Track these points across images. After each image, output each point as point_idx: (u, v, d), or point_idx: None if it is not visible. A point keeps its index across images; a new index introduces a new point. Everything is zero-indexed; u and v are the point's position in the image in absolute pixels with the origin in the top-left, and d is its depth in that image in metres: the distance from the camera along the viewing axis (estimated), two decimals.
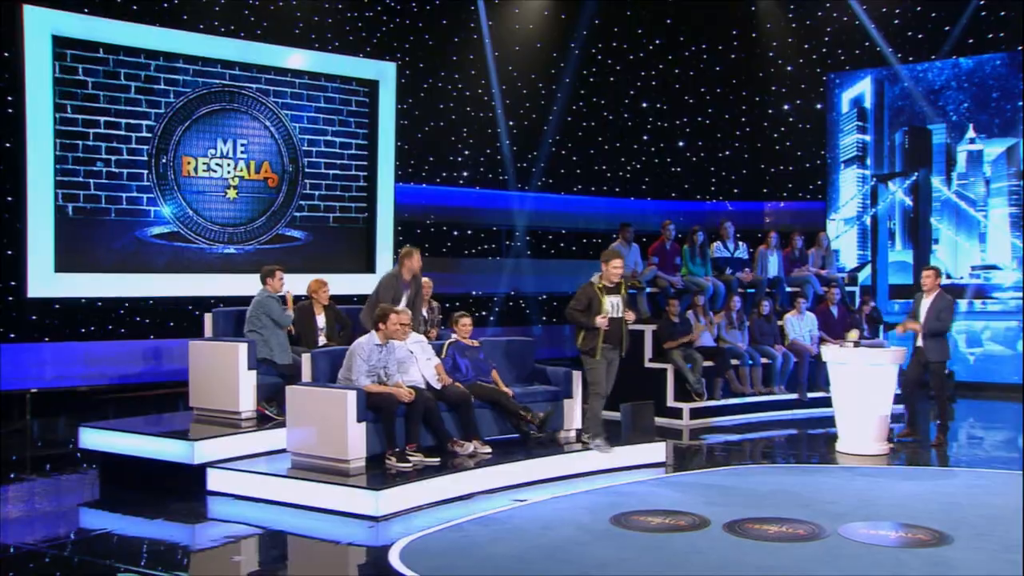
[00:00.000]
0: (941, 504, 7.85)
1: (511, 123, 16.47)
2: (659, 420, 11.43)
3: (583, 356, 9.22)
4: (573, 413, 9.75)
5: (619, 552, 6.56)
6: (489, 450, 8.75)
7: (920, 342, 10.53)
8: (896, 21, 16.59)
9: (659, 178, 17.77)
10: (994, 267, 16.03)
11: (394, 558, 6.42)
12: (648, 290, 13.16)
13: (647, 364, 12.34)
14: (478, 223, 16.53)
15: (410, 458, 8.25)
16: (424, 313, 10.38)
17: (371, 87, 15.28)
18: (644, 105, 17.56)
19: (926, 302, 10.47)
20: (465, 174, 16.32)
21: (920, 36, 16.48)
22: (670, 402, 12.04)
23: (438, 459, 8.43)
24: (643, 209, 17.26)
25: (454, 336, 9.45)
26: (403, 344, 8.87)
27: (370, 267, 15.12)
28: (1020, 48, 15.68)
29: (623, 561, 6.36)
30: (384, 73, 15.33)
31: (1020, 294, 15.56)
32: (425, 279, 10.39)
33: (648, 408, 10.02)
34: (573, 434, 9.68)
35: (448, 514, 7.54)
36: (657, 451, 9.56)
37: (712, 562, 6.33)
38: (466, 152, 16.28)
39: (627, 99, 17.54)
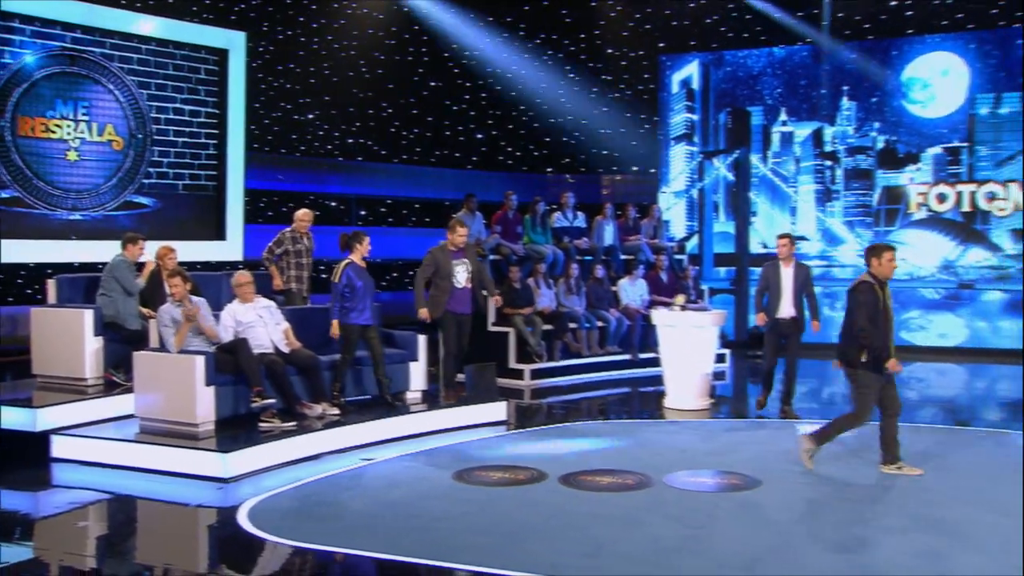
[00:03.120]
0: (753, 452, 8.20)
1: (360, 94, 16.18)
2: (501, 381, 11.55)
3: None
4: (420, 375, 9.75)
5: (461, 506, 6.61)
6: (337, 411, 8.67)
7: (783, 312, 9.68)
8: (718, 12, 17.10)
9: (503, 151, 17.83)
10: (803, 238, 16.80)
11: (242, 518, 6.30)
12: (491, 257, 13.22)
13: (490, 328, 12.42)
14: (327, 193, 16.23)
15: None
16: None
17: (220, 56, 14.74)
18: (489, 81, 17.54)
19: (786, 272, 9.69)
20: (316, 144, 15.98)
21: (745, 20, 17.03)
22: (512, 364, 12.16)
23: (294, 423, 8.30)
24: (487, 180, 17.28)
25: (351, 256, 9.18)
26: (252, 306, 8.69)
27: (220, 235, 14.68)
28: (811, 42, 16.42)
29: (465, 514, 6.41)
30: (234, 42, 14.81)
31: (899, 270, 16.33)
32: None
33: (491, 369, 10.12)
34: (419, 395, 9.69)
35: (297, 474, 7.44)
36: (499, 410, 9.66)
37: (547, 512, 6.44)
38: (317, 122, 15.93)
39: (473, 74, 17.48)
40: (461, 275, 9.54)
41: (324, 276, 11.64)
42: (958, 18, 15.97)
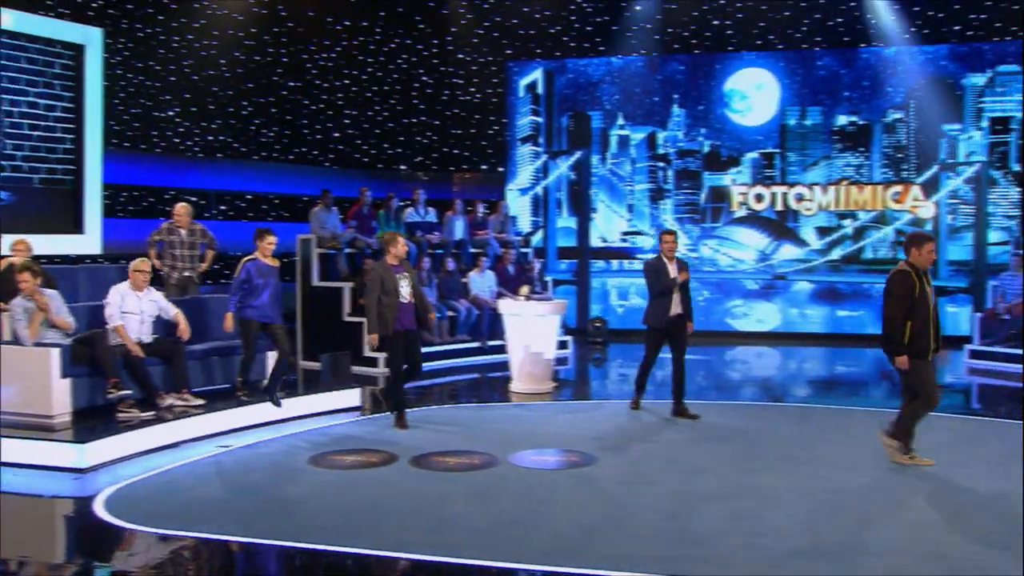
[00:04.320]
0: (591, 431, 8.39)
1: (221, 92, 15.68)
2: (357, 369, 11.48)
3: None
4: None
5: (316, 489, 6.54)
6: (200, 402, 8.42)
7: (671, 311, 8.90)
8: (563, 21, 17.37)
9: (359, 149, 17.61)
10: (638, 232, 17.31)
11: (99, 507, 6.05)
12: (347, 251, 13.09)
13: (346, 318, 12.30)
14: (186, 188, 15.66)
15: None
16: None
17: (77, 51, 14.01)
18: (346, 82, 17.28)
19: (672, 269, 8.93)
20: (176, 140, 15.40)
21: (586, 31, 17.36)
22: (367, 352, 12.08)
23: (152, 412, 8.02)
24: (343, 177, 17.03)
25: (255, 253, 8.74)
26: (140, 296, 8.49)
27: (77, 228, 13.98)
28: (656, 54, 16.92)
29: (319, 497, 6.35)
30: (90, 38, 14.10)
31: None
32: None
33: (345, 358, 10.02)
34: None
35: (155, 462, 7.20)
36: (353, 396, 9.58)
37: (398, 492, 6.44)
38: (177, 119, 15.34)
39: (330, 75, 17.18)
40: (405, 289, 8.45)
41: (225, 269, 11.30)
42: (770, 38, 16.75)
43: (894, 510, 5.97)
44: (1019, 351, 12.13)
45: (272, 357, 9.15)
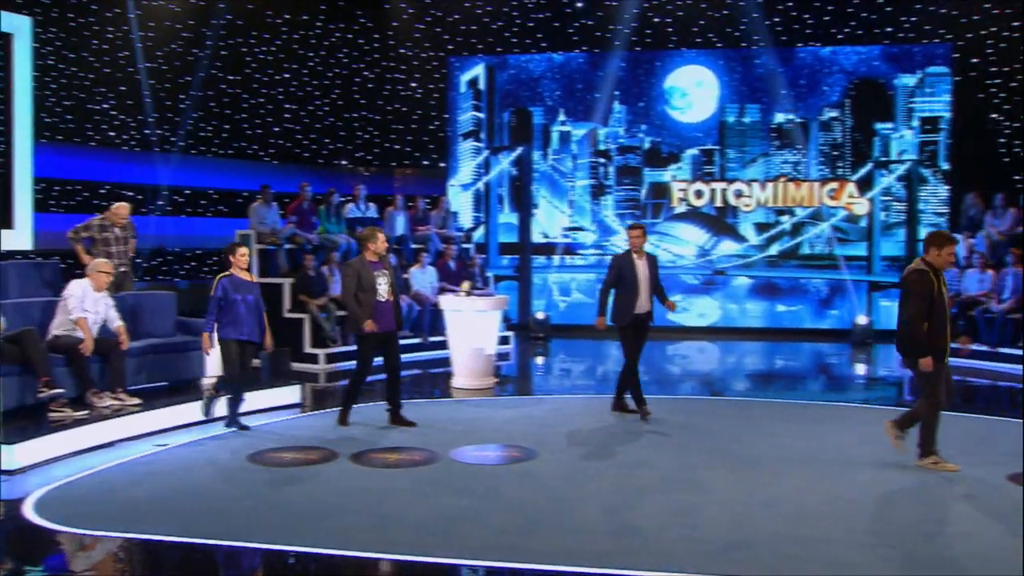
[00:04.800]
0: (532, 426, 8.42)
1: (158, 85, 15.36)
2: (297, 365, 11.36)
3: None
4: (215, 362, 9.41)
5: (255, 487, 6.46)
6: (136, 401, 8.25)
7: (641, 307, 8.63)
8: (504, 17, 17.37)
9: (299, 144, 17.43)
10: (580, 228, 17.40)
11: (28, 509, 5.90)
12: (286, 246, 12.95)
13: (286, 315, 12.16)
14: (122, 183, 15.32)
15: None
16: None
17: (4, 40, 13.61)
18: (286, 76, 17.08)
19: (640, 264, 8.70)
20: (111, 133, 15.05)
21: (528, 27, 17.37)
22: (307, 348, 11.97)
23: (86, 411, 7.84)
24: (283, 172, 16.84)
25: (230, 269, 8.13)
26: (98, 297, 8.39)
27: (7, 223, 13.58)
28: (598, 50, 17.01)
29: (257, 495, 6.27)
30: (18, 27, 13.70)
31: (596, 251, 16.96)
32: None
33: (285, 355, 9.91)
34: (214, 381, 9.35)
35: (89, 463, 7.05)
36: (294, 393, 9.49)
37: (338, 490, 6.39)
38: (113, 112, 15.00)
39: (270, 69, 16.96)
40: (383, 287, 8.16)
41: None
42: (710, 36, 16.95)
43: (829, 501, 6.08)
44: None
45: None
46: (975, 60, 16.02)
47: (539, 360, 13.77)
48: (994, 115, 15.86)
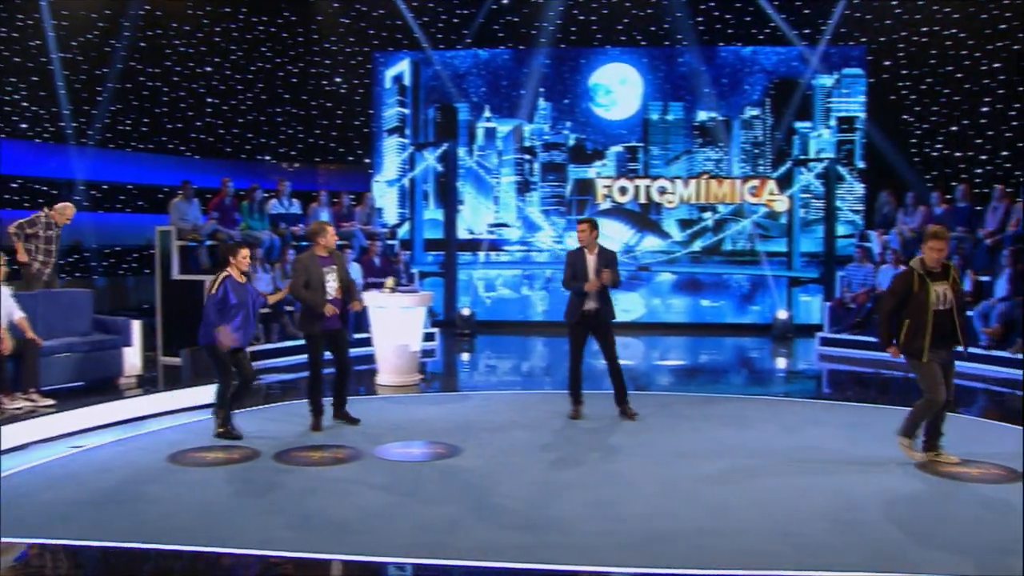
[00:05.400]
0: (457, 422, 8.45)
1: (73, 76, 14.92)
2: None
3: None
4: (135, 360, 9.26)
5: (175, 488, 6.36)
6: (50, 401, 8.05)
7: (589, 304, 8.42)
8: (430, 11, 17.33)
9: (221, 139, 17.14)
10: (505, 224, 17.46)
11: None
12: (208, 243, 12.72)
13: None
14: (36, 177, 14.86)
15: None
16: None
17: None
18: (208, 69, 16.77)
19: (592, 259, 8.39)
20: (23, 126, 14.59)
21: (453, 23, 17.36)
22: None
23: None
24: (204, 167, 16.54)
25: (229, 270, 7.74)
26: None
27: None
28: (523, 47, 17.09)
29: (177, 496, 6.17)
30: None
31: (521, 248, 17.05)
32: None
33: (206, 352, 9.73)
34: (134, 380, 9.19)
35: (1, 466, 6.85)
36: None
37: (260, 489, 6.33)
38: (25, 103, 14.53)
39: (191, 62, 16.63)
40: (331, 284, 7.95)
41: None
42: (634, 34, 17.15)
43: (749, 492, 6.23)
44: (862, 338, 12.87)
45: None
46: (888, 63, 16.51)
47: (464, 356, 13.79)
48: (905, 116, 16.38)
